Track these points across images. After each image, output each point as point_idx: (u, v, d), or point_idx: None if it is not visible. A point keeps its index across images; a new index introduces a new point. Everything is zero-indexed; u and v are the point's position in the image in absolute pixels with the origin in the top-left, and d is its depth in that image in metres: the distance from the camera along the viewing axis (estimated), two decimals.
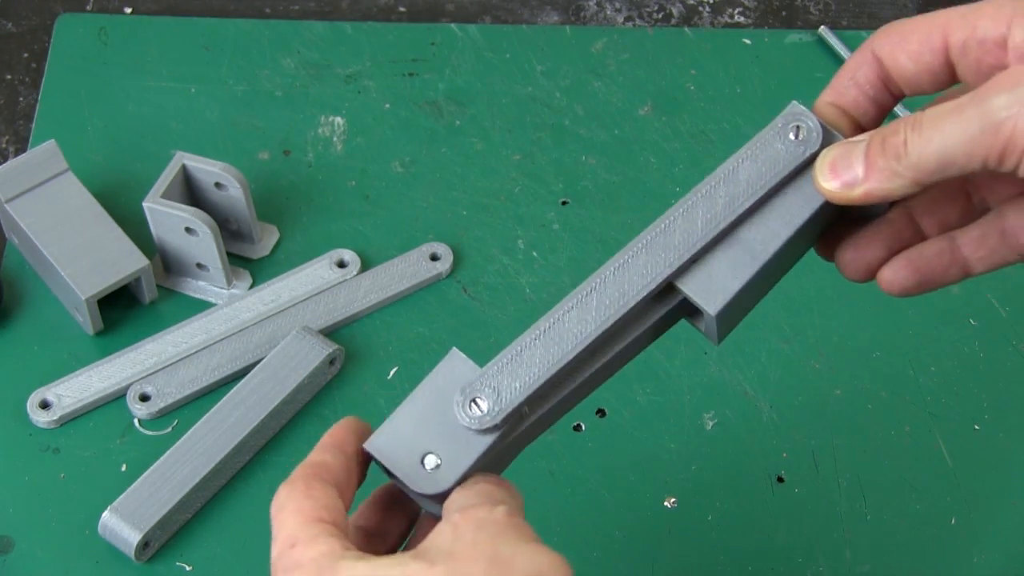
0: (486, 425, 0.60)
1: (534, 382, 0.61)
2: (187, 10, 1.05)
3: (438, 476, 0.60)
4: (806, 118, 0.62)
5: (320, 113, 1.00)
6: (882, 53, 0.63)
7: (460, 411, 0.60)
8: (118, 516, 0.82)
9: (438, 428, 0.61)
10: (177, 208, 0.89)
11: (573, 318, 0.62)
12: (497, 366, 0.61)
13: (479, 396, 0.60)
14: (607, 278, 0.62)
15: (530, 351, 0.61)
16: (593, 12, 1.07)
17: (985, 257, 0.65)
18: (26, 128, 1.00)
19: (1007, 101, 0.56)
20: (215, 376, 0.89)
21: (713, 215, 0.63)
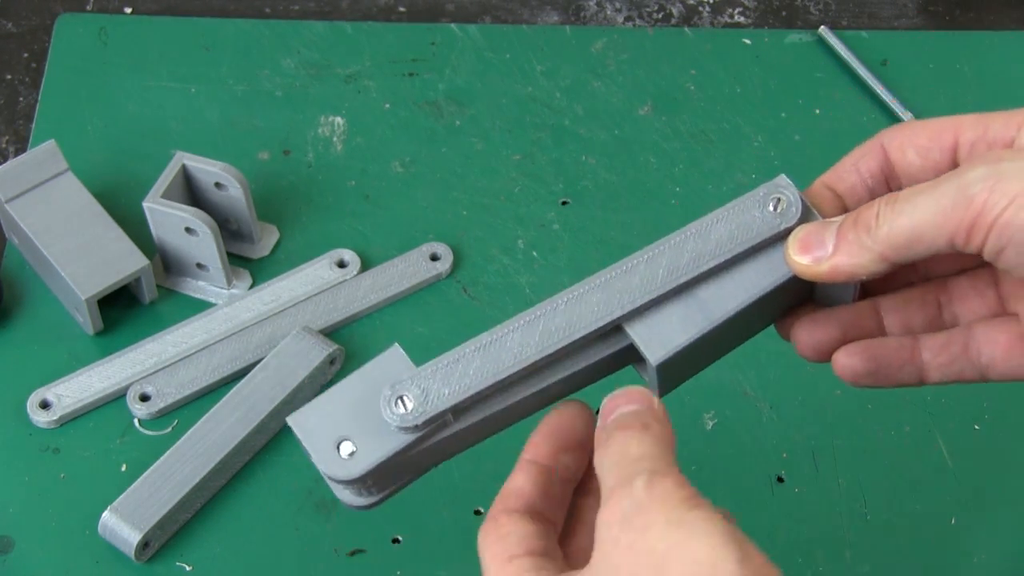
0: (407, 424, 0.61)
1: (463, 393, 0.61)
2: (187, 10, 1.06)
3: (350, 464, 0.61)
4: (788, 192, 0.62)
5: (320, 113, 1.00)
6: (891, 146, 0.63)
7: (385, 406, 0.61)
8: (118, 516, 0.82)
9: (361, 418, 0.61)
10: (177, 208, 0.89)
11: (516, 339, 0.62)
12: (431, 370, 0.61)
13: (406, 395, 0.61)
14: (558, 307, 0.62)
15: (466, 362, 0.61)
16: (593, 12, 1.07)
17: (944, 365, 0.64)
18: (26, 128, 1.00)
19: (983, 174, 0.56)
20: (215, 376, 0.89)
21: (676, 267, 0.62)
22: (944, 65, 1.03)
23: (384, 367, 0.62)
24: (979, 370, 0.63)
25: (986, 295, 0.64)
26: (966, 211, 0.56)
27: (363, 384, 0.62)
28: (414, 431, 0.61)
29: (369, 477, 0.61)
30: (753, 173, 0.98)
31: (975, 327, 0.63)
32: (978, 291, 0.64)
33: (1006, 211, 0.55)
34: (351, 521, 0.85)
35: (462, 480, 0.86)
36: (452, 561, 0.84)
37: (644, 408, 0.58)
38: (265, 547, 0.84)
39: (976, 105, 1.01)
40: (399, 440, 0.61)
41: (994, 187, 0.55)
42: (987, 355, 0.63)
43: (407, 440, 0.61)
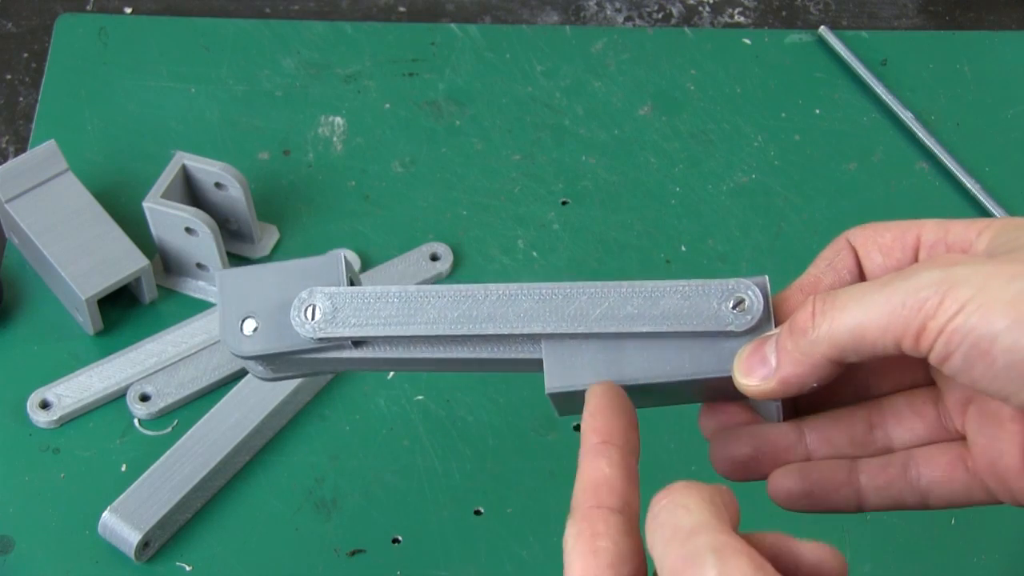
0: (306, 333, 0.62)
1: (366, 330, 0.62)
2: (187, 10, 1.06)
3: (244, 341, 0.63)
4: (756, 297, 0.60)
5: (320, 113, 1.00)
6: (856, 243, 0.61)
7: (296, 307, 0.62)
8: (118, 516, 0.82)
9: (276, 305, 0.63)
10: (177, 208, 0.89)
11: (436, 307, 0.62)
12: (350, 295, 0.62)
13: (318, 307, 0.62)
14: (488, 297, 0.62)
15: (383, 304, 0.62)
16: (593, 12, 1.07)
17: (882, 488, 0.61)
18: (26, 128, 1.00)
19: (936, 277, 0.54)
20: (215, 376, 0.89)
21: (613, 316, 0.61)
22: (944, 65, 1.03)
23: (321, 268, 0.63)
24: (919, 495, 0.61)
25: (925, 415, 0.62)
26: (916, 313, 0.54)
27: (295, 274, 0.63)
28: (311, 341, 0.62)
29: (259, 360, 0.63)
30: (753, 173, 0.98)
31: (914, 450, 0.62)
32: (916, 411, 0.62)
33: (956, 317, 0.53)
34: (351, 521, 0.85)
35: (462, 480, 0.86)
36: (452, 561, 0.84)
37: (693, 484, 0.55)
38: (265, 547, 0.84)
39: (976, 105, 1.01)
40: (296, 342, 0.62)
41: (947, 292, 0.54)
42: (926, 478, 0.61)
43: (303, 346, 0.62)
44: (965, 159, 0.98)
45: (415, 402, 0.89)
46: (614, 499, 0.56)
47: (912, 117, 1.00)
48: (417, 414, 0.88)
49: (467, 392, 0.89)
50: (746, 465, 0.63)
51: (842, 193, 0.98)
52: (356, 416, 0.89)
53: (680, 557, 0.52)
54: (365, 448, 0.87)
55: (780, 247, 0.95)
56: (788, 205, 0.97)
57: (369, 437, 0.88)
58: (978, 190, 0.96)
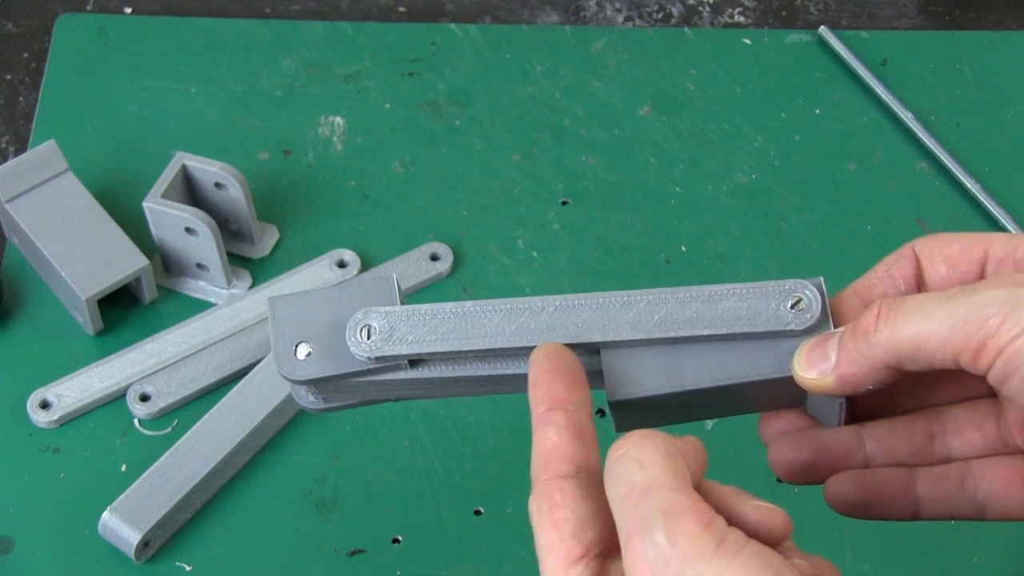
0: (363, 353, 0.62)
1: (424, 348, 0.62)
2: (187, 10, 1.05)
3: (300, 366, 0.62)
4: (812, 296, 0.60)
5: (320, 113, 1.00)
6: (922, 253, 0.61)
7: (351, 328, 0.62)
8: (118, 516, 0.82)
9: (330, 329, 0.63)
10: (177, 208, 0.89)
11: (494, 321, 0.62)
12: (406, 313, 0.62)
13: (374, 327, 0.62)
14: (546, 308, 0.62)
15: (440, 321, 0.62)
16: (593, 12, 1.07)
17: (939, 500, 0.62)
18: (26, 128, 1.00)
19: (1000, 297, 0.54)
20: (215, 376, 0.89)
21: (672, 321, 0.61)
22: (944, 65, 1.03)
23: (374, 290, 0.63)
24: (976, 507, 0.61)
25: (985, 428, 0.62)
26: (977, 331, 0.54)
27: (347, 297, 0.63)
28: (367, 362, 0.62)
29: (315, 385, 0.63)
30: (753, 173, 0.98)
31: (973, 462, 0.62)
32: (976, 423, 0.62)
33: (1017, 339, 0.54)
34: (351, 521, 0.85)
35: (462, 480, 0.86)
36: (452, 561, 0.84)
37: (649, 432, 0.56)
38: (265, 547, 0.84)
39: (976, 105, 1.01)
40: (352, 364, 0.62)
41: (1009, 313, 0.54)
42: (984, 491, 0.61)
43: (359, 367, 0.62)
44: (965, 159, 0.98)
45: (415, 402, 0.89)
46: (566, 465, 0.56)
47: (912, 117, 1.00)
48: (417, 414, 0.88)
49: None
50: (805, 469, 0.63)
51: (842, 193, 0.98)
52: (356, 416, 0.88)
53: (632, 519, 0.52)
54: (365, 448, 0.87)
55: (780, 247, 0.95)
56: (788, 205, 0.97)
57: (369, 437, 0.88)
58: (978, 190, 0.96)
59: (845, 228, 0.96)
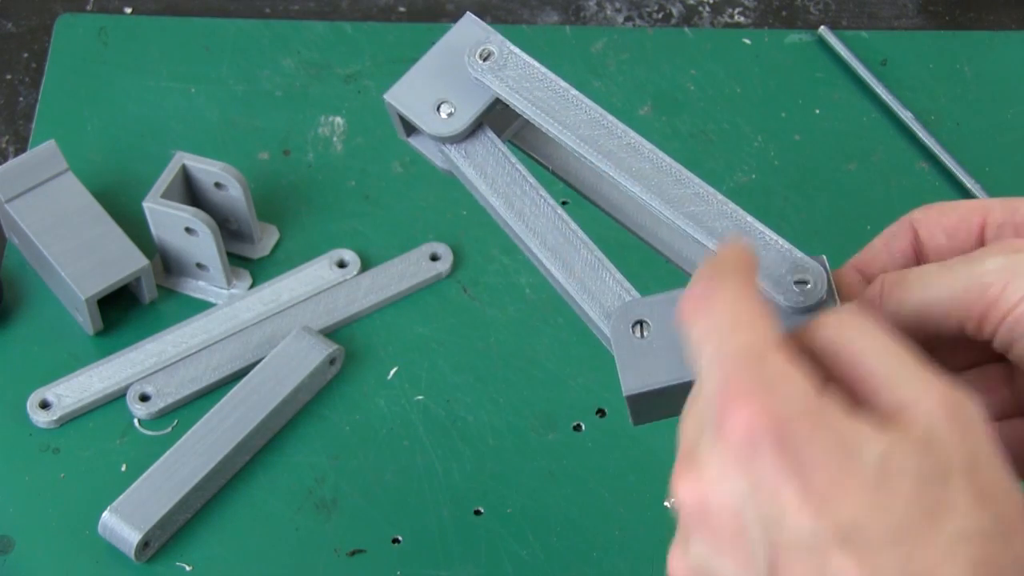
0: (476, 74, 0.65)
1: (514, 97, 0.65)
2: (187, 10, 1.06)
3: (451, 123, 0.66)
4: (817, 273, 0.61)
5: (320, 113, 1.00)
6: (920, 225, 0.61)
7: (471, 54, 0.65)
8: (118, 516, 0.82)
9: (452, 81, 0.66)
10: (177, 208, 0.89)
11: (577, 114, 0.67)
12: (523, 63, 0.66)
13: (493, 53, 0.65)
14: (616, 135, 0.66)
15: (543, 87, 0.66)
16: (593, 12, 1.07)
17: None
18: (26, 128, 1.00)
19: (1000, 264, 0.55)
20: (215, 376, 0.89)
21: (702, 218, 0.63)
22: (944, 65, 1.03)
23: (460, 34, 0.66)
24: None
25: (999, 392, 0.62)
26: (979, 299, 0.55)
27: (444, 53, 0.66)
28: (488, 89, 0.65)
29: (471, 134, 0.67)
30: (753, 173, 0.98)
31: None
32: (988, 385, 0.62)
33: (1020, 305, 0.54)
34: (351, 521, 0.85)
35: (462, 480, 0.86)
36: (452, 561, 0.84)
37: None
38: (265, 547, 0.84)
39: (976, 105, 1.01)
40: (489, 92, 0.65)
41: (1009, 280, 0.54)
42: None
43: (491, 97, 0.65)
44: (965, 159, 0.98)
45: (415, 402, 0.89)
46: None
47: (912, 117, 1.00)
48: (417, 414, 0.88)
49: (467, 392, 0.89)
50: None
51: (842, 193, 0.98)
52: (356, 416, 0.89)
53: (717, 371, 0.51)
54: (365, 448, 0.87)
55: None
56: (788, 205, 0.97)
57: (369, 437, 0.88)
58: (978, 190, 0.96)
59: (845, 228, 0.96)
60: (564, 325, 0.92)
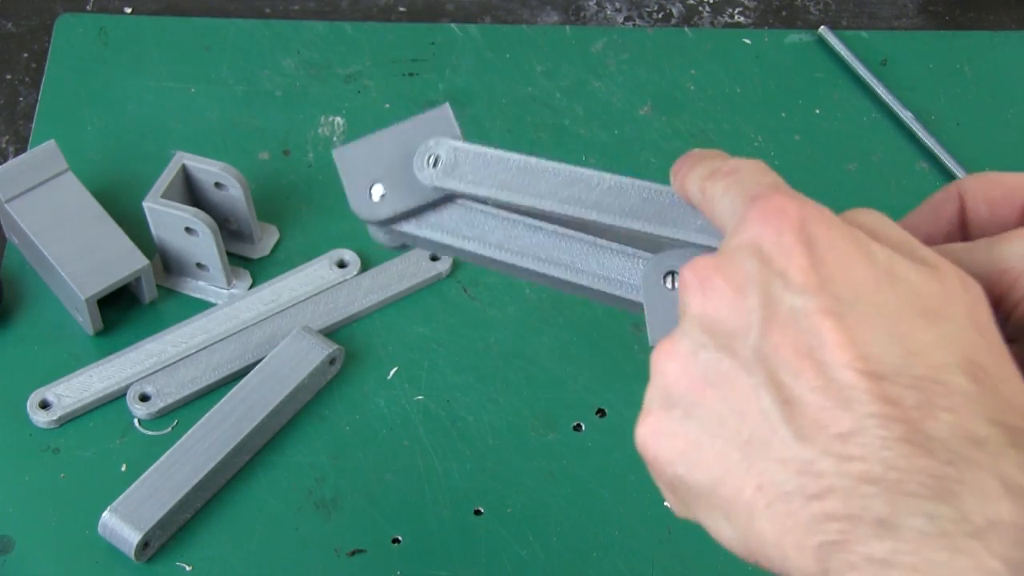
0: (425, 180, 0.63)
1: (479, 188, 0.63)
2: (187, 10, 1.06)
3: (375, 207, 0.64)
4: None
5: (320, 113, 1.00)
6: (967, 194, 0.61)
7: (419, 154, 0.63)
8: (118, 516, 0.82)
9: (397, 166, 0.64)
10: (177, 208, 0.89)
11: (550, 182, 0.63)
12: (474, 152, 0.63)
13: (441, 156, 0.63)
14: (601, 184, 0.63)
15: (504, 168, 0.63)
16: (593, 12, 1.07)
17: None
18: (26, 128, 1.00)
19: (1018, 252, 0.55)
20: (215, 376, 0.89)
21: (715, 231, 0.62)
22: (944, 65, 1.03)
23: (432, 123, 0.65)
24: None
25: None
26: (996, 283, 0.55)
27: (408, 134, 0.65)
28: (434, 192, 0.63)
29: (392, 223, 0.64)
30: None
31: None
32: None
33: None
34: (351, 521, 0.85)
35: (462, 480, 0.86)
36: (452, 561, 0.84)
37: None
38: (265, 547, 0.84)
39: (976, 105, 1.01)
40: (425, 195, 0.64)
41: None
42: None
43: (430, 197, 0.64)
44: (965, 159, 0.98)
45: (415, 402, 0.89)
46: None
47: (912, 117, 1.00)
48: (417, 414, 0.88)
49: (467, 392, 0.89)
50: None
51: (842, 193, 0.98)
52: (356, 416, 0.89)
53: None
54: (365, 448, 0.87)
55: None
56: None
57: (369, 437, 0.88)
58: None
59: None
60: (564, 325, 0.92)
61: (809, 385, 0.49)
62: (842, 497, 0.47)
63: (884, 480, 0.47)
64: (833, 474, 0.47)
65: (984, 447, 0.47)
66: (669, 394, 0.53)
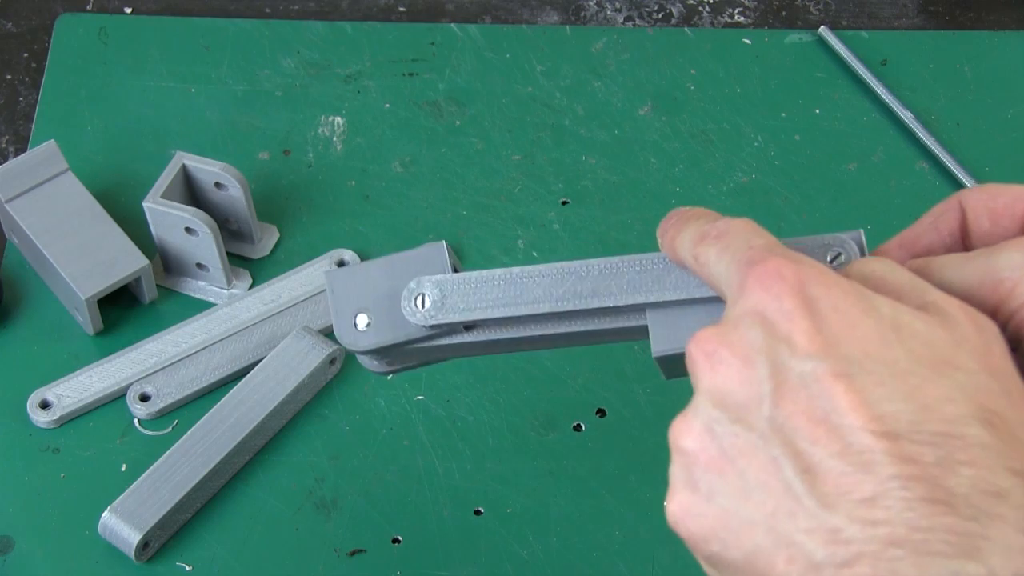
0: (418, 321, 0.64)
1: (476, 313, 0.64)
2: (187, 10, 1.06)
3: (360, 336, 0.65)
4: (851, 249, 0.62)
5: (320, 113, 1.00)
6: (968, 205, 0.61)
7: (406, 298, 0.64)
8: (118, 516, 0.82)
9: (385, 298, 0.65)
10: (177, 208, 0.89)
11: (541, 285, 0.63)
12: (457, 280, 0.64)
13: (427, 295, 0.64)
14: (591, 272, 0.63)
15: (490, 287, 0.64)
16: (593, 12, 1.07)
17: None
18: (26, 128, 1.00)
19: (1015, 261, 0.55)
20: (215, 376, 0.89)
21: None
22: (944, 65, 1.03)
23: (426, 258, 0.65)
24: None
25: None
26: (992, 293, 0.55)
27: (401, 267, 0.65)
28: (423, 329, 0.64)
29: (375, 354, 0.66)
30: (753, 173, 0.98)
31: None
32: None
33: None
34: (351, 521, 0.85)
35: (462, 480, 0.86)
36: (452, 561, 0.84)
37: None
38: (265, 547, 0.84)
39: (976, 105, 1.01)
40: (409, 331, 0.64)
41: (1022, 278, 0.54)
42: None
43: (417, 334, 0.64)
44: (965, 159, 0.98)
45: (415, 402, 0.89)
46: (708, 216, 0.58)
47: (912, 117, 1.00)
48: (417, 414, 0.88)
49: (467, 392, 0.89)
50: None
51: (842, 193, 0.98)
52: (356, 416, 0.89)
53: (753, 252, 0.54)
54: (365, 448, 0.87)
55: None
56: (788, 205, 0.97)
57: (369, 437, 0.88)
58: None
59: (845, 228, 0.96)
60: None
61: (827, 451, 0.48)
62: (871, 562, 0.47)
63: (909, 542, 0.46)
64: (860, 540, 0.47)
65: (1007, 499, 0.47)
66: (691, 472, 0.53)
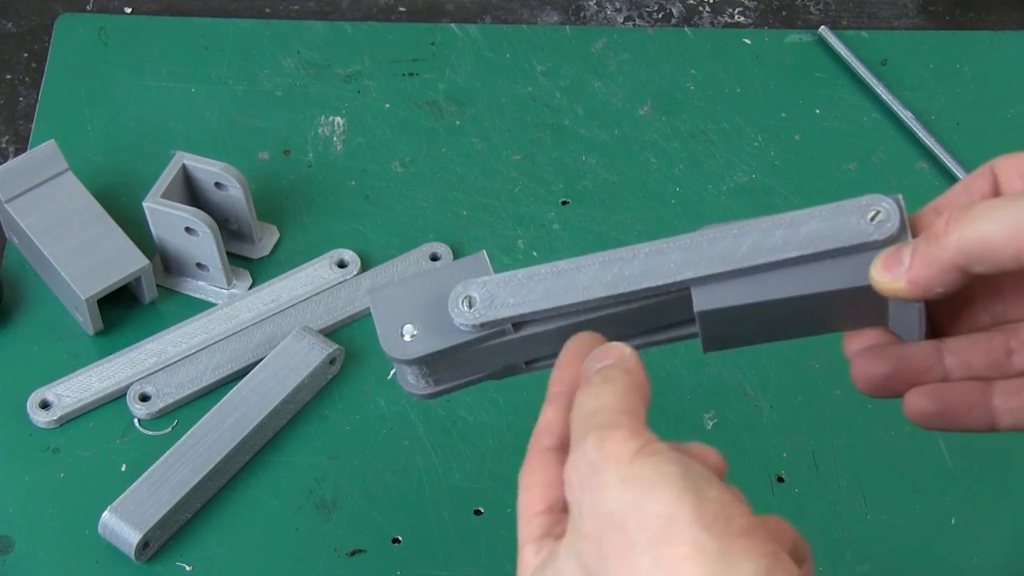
0: (467, 322, 0.64)
1: (525, 308, 0.64)
2: (187, 10, 1.06)
3: (408, 346, 0.65)
4: (889, 207, 0.62)
5: (320, 113, 1.00)
6: (1000, 170, 0.63)
7: (453, 301, 0.64)
8: (118, 516, 0.82)
9: (431, 308, 0.65)
10: (177, 208, 0.89)
11: (589, 274, 0.64)
12: (503, 279, 0.64)
13: (474, 296, 0.64)
14: (637, 256, 0.64)
15: (537, 282, 0.64)
16: (593, 12, 1.07)
17: (1015, 411, 0.63)
18: (26, 128, 1.00)
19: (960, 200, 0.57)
20: (215, 376, 0.89)
21: (760, 248, 0.63)
22: (944, 65, 1.03)
23: (467, 267, 0.66)
24: None
25: None
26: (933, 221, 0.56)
27: (443, 278, 0.66)
28: (473, 331, 0.64)
29: (424, 363, 0.65)
30: (753, 173, 0.98)
31: None
32: None
33: None
34: (351, 521, 0.85)
35: (462, 480, 0.86)
36: (452, 561, 0.84)
37: (612, 362, 0.59)
38: (265, 547, 0.84)
39: (976, 105, 1.01)
40: (458, 336, 0.64)
41: None
42: None
43: (465, 337, 0.64)
44: (965, 159, 0.98)
45: (415, 402, 0.89)
46: (552, 439, 0.60)
47: (912, 117, 1.00)
48: (417, 414, 0.88)
49: (467, 392, 0.89)
50: (885, 382, 0.65)
51: (842, 193, 0.97)
52: (356, 416, 0.89)
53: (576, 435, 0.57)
54: (365, 448, 0.87)
55: None
56: (788, 205, 0.97)
57: (369, 437, 0.88)
58: None
59: None
60: None
61: None
62: None
63: None
64: None
65: None
66: None
